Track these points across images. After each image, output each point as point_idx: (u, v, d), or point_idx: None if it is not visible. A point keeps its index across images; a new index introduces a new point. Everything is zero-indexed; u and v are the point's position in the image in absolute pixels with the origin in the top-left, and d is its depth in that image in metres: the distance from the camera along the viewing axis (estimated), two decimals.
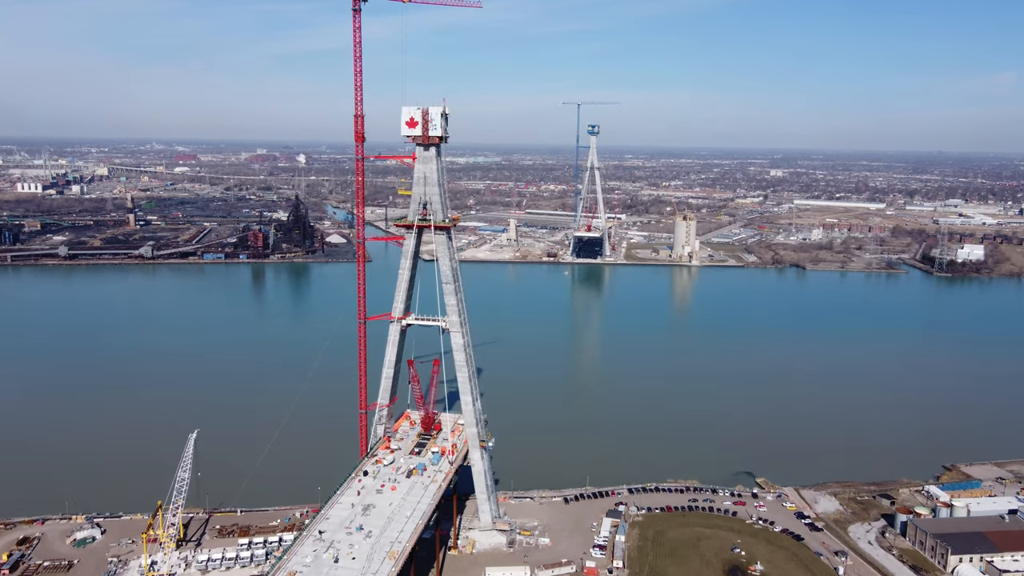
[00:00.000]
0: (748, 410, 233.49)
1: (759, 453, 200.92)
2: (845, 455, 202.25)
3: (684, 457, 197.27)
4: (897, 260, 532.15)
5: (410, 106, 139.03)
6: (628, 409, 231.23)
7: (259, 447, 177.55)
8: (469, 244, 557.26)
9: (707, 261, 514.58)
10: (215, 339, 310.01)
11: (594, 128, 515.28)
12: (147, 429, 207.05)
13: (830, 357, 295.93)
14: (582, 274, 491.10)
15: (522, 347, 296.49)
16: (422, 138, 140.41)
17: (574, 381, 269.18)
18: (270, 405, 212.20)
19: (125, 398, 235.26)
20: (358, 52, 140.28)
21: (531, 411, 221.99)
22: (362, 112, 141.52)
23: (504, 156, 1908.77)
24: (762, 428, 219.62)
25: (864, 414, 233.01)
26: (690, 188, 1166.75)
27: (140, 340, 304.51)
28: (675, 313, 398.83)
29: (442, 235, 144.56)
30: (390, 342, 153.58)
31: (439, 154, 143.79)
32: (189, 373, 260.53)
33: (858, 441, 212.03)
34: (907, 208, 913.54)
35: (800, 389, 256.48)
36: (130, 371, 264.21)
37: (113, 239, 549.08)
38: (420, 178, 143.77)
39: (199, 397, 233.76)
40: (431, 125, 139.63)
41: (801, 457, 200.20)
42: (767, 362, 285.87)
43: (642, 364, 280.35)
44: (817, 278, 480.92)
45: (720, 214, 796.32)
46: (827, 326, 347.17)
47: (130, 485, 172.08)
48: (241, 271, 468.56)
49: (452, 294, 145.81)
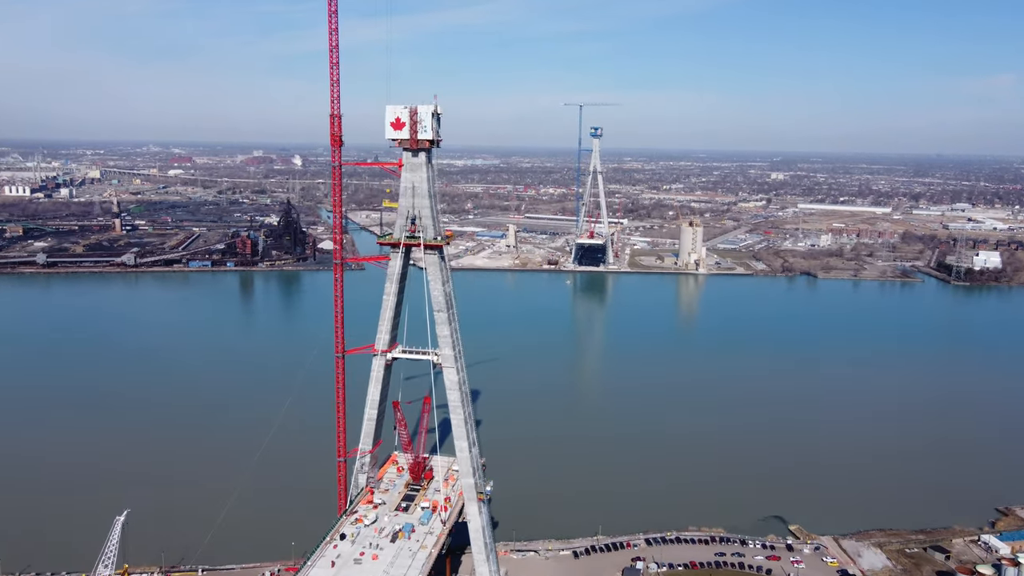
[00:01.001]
0: (772, 441, 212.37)
1: (789, 494, 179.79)
2: (885, 496, 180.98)
3: (705, 497, 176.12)
4: (911, 267, 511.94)
5: (396, 105, 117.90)
6: (639, 442, 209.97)
7: (224, 494, 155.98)
8: (466, 251, 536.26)
9: (714, 269, 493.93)
10: (185, 360, 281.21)
11: (596, 130, 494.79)
12: (92, 470, 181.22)
13: (856, 378, 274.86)
14: (584, 283, 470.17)
15: (523, 365, 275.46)
16: (410, 142, 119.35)
17: (579, 405, 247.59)
18: (239, 443, 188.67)
19: (76, 429, 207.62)
20: (334, 40, 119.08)
21: (533, 441, 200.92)
22: (339, 112, 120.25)
23: (502, 159, 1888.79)
24: (790, 463, 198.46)
25: (902, 445, 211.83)
26: (691, 192, 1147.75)
27: (102, 361, 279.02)
28: (684, 326, 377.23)
29: (433, 255, 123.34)
30: (373, 379, 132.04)
31: (430, 160, 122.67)
32: (151, 403, 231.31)
33: (898, 479, 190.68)
34: (914, 212, 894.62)
35: (827, 416, 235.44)
36: (84, 396, 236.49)
37: (97, 245, 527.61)
38: (407, 188, 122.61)
39: (158, 431, 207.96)
40: (420, 127, 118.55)
41: (836, 499, 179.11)
42: (788, 384, 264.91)
43: (651, 387, 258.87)
44: (830, 287, 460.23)
45: (724, 219, 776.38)
46: (848, 342, 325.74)
47: (74, 538, 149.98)
48: (228, 280, 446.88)
49: (445, 324, 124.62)
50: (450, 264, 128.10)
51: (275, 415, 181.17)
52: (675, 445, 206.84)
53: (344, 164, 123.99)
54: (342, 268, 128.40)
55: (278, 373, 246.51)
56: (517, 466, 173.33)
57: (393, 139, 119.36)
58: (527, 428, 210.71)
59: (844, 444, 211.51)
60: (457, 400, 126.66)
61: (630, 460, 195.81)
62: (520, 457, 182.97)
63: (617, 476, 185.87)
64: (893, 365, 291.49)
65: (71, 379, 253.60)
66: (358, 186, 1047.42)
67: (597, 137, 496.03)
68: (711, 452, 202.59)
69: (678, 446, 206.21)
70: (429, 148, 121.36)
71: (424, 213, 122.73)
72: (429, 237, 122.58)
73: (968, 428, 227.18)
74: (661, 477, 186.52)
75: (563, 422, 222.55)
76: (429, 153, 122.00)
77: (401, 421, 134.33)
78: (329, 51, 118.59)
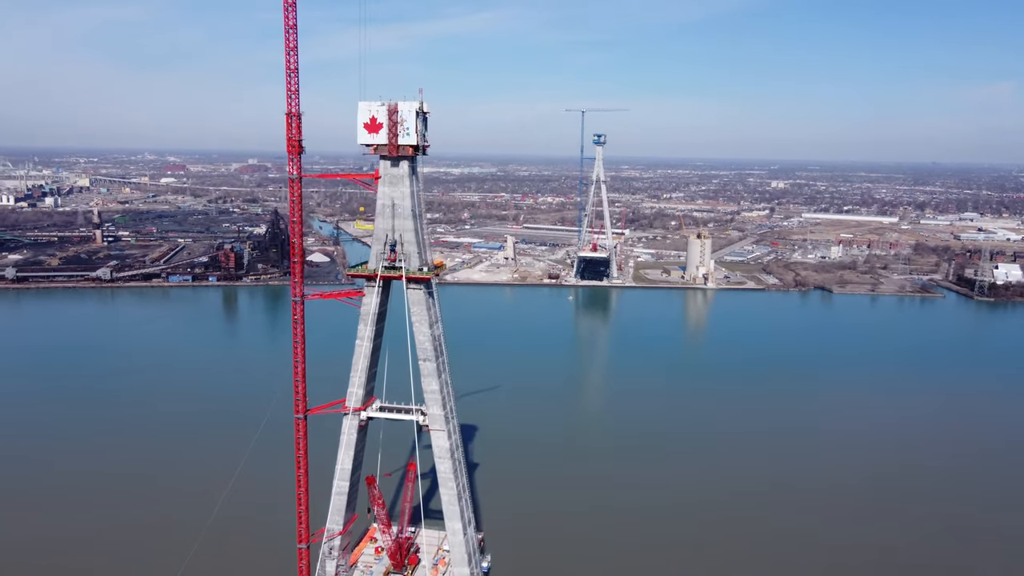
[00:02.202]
0: (817, 496, 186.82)
1: (844, 571, 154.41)
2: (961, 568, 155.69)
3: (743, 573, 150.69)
4: (929, 281, 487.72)
5: (371, 101, 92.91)
6: (656, 492, 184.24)
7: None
8: (463, 264, 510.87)
9: (723, 283, 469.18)
10: (133, 395, 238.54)
11: (600, 138, 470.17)
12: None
13: (897, 411, 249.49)
14: (587, 298, 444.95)
15: (524, 394, 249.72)
16: (388, 148, 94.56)
17: (588, 444, 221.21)
18: (175, 524, 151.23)
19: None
20: (292, 19, 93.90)
21: (535, 487, 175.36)
22: (297, 110, 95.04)
23: (499, 167, 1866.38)
24: (840, 526, 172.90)
25: (970, 497, 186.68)
26: (692, 200, 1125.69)
27: (39, 392, 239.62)
28: (696, 348, 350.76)
29: (419, 290, 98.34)
30: (344, 444, 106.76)
31: (414, 171, 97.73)
32: (84, 460, 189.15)
33: (973, 544, 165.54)
34: (921, 222, 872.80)
35: (872, 462, 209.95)
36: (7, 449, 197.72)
37: (74, 258, 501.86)
38: (386, 206, 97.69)
39: (75, 504, 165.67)
40: (401, 128, 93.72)
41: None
42: (824, 419, 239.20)
43: (666, 423, 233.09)
44: (846, 303, 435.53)
45: (728, 229, 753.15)
46: (875, 365, 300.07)
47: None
48: (210, 296, 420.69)
49: (434, 376, 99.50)
50: (444, 278, 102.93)
51: (226, 481, 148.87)
52: (703, 503, 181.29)
53: (305, 176, 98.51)
54: (302, 307, 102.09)
55: (241, 418, 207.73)
56: (520, 532, 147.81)
57: (367, 144, 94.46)
58: (531, 469, 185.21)
59: (903, 500, 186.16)
60: (448, 470, 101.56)
61: (654, 535, 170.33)
62: (525, 519, 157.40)
63: (631, 534, 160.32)
64: (937, 392, 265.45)
65: (18, 421, 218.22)
66: (352, 195, 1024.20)
67: (600, 145, 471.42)
68: (751, 514, 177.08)
69: (707, 507, 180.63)
70: (413, 156, 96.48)
71: (407, 237, 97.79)
72: (413, 268, 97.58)
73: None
74: (686, 539, 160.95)
75: (572, 465, 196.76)
76: (413, 162, 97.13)
77: (378, 499, 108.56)
78: (285, 32, 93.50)
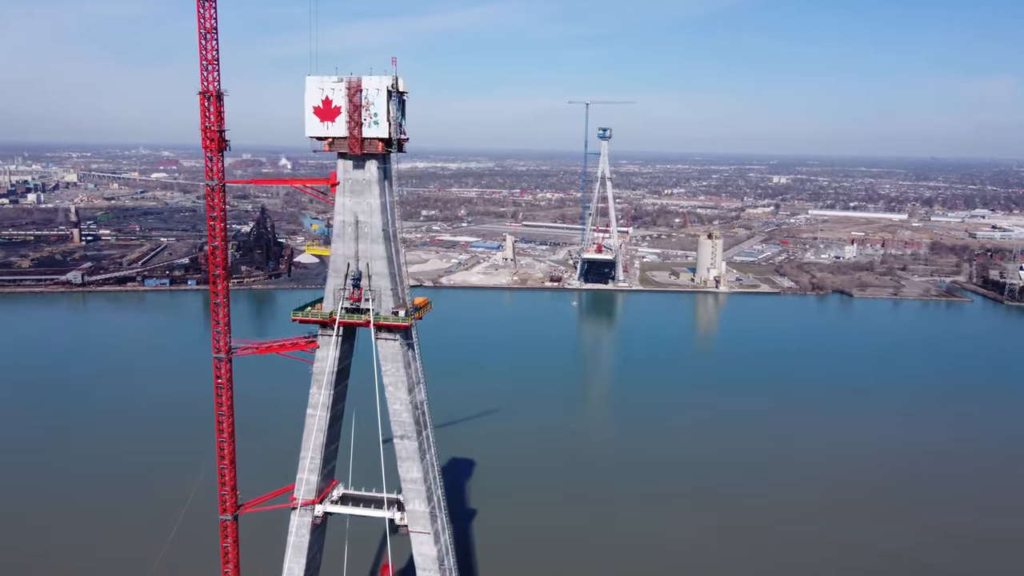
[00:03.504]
0: (861, 544, 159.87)
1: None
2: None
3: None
4: (952, 284, 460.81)
5: (324, 76, 64.96)
6: (687, 551, 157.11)
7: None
8: (459, 265, 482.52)
9: (736, 286, 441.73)
10: (38, 444, 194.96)
11: (605, 132, 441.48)
12: None
13: (947, 430, 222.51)
14: (592, 303, 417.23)
15: (527, 419, 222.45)
16: (349, 143, 66.63)
17: (602, 489, 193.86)
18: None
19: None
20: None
21: (542, 551, 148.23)
22: (216, 88, 67.13)
23: (497, 161, 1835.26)
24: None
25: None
26: (694, 196, 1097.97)
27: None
28: (714, 359, 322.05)
29: (394, 341, 70.83)
30: (293, 546, 79.08)
31: (387, 176, 69.84)
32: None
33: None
34: (932, 219, 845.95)
35: (905, 491, 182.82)
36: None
37: (48, 259, 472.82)
38: (347, 224, 70.16)
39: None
40: (368, 116, 65.93)
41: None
42: (857, 441, 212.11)
43: (689, 459, 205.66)
44: (868, 308, 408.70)
45: (735, 226, 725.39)
46: (907, 379, 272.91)
47: None
48: (187, 301, 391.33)
49: (414, 459, 72.28)
50: (440, 281, 74.53)
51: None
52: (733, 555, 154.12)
53: (234, 182, 70.81)
54: (230, 366, 74.18)
55: (169, 489, 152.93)
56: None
57: (319, 137, 66.67)
58: (537, 541, 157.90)
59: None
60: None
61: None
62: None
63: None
64: (988, 414, 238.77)
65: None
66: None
67: (606, 139, 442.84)
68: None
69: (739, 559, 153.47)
70: (385, 154, 68.54)
71: (377, 267, 70.22)
72: (386, 311, 70.06)
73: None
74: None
75: (584, 530, 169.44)
76: (385, 162, 69.36)
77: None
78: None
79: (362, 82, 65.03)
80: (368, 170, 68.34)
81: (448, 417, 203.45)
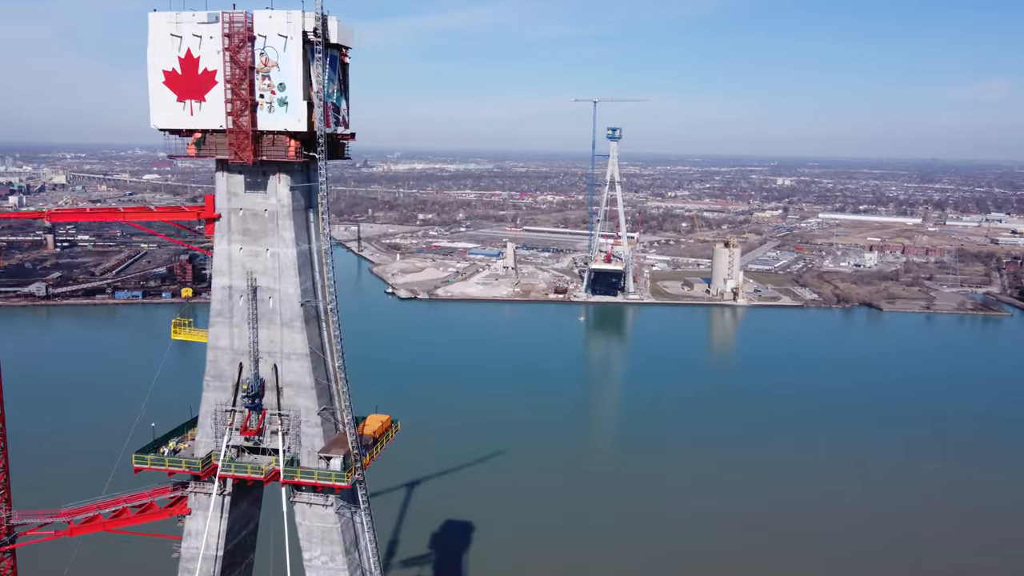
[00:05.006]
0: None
1: None
2: None
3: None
4: (986, 295, 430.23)
5: (179, 13, 33.41)
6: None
7: None
8: (457, 275, 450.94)
9: (755, 298, 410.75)
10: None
11: (615, 132, 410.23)
12: None
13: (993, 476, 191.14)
14: (601, 317, 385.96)
15: (525, 469, 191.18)
16: (234, 141, 34.83)
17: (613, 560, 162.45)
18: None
19: None
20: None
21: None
22: None
23: (496, 163, 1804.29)
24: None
25: None
26: (699, 199, 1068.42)
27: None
28: (740, 385, 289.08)
29: (325, 508, 38.65)
30: None
31: (310, 203, 37.84)
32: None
33: None
34: (947, 224, 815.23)
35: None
36: None
37: (17, 268, 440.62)
38: (233, 292, 38.39)
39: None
40: (268, 89, 33.92)
41: None
42: (908, 485, 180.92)
43: (716, 512, 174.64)
44: (899, 323, 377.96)
45: (745, 231, 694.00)
46: (987, 417, 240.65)
47: None
48: (159, 316, 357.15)
49: None
50: (437, 293, 44.20)
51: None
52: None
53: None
54: (10, 559, 42.28)
55: None
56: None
57: (173, 130, 35.23)
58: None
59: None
60: None
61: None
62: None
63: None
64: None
65: None
66: (340, 193, 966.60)
67: (616, 140, 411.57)
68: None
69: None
70: (304, 162, 36.68)
71: (294, 373, 38.29)
72: (310, 453, 37.86)
73: None
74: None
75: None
76: (306, 178, 37.37)
77: None
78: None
79: (254, 23, 33.92)
80: (273, 193, 37.40)
81: (441, 457, 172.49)
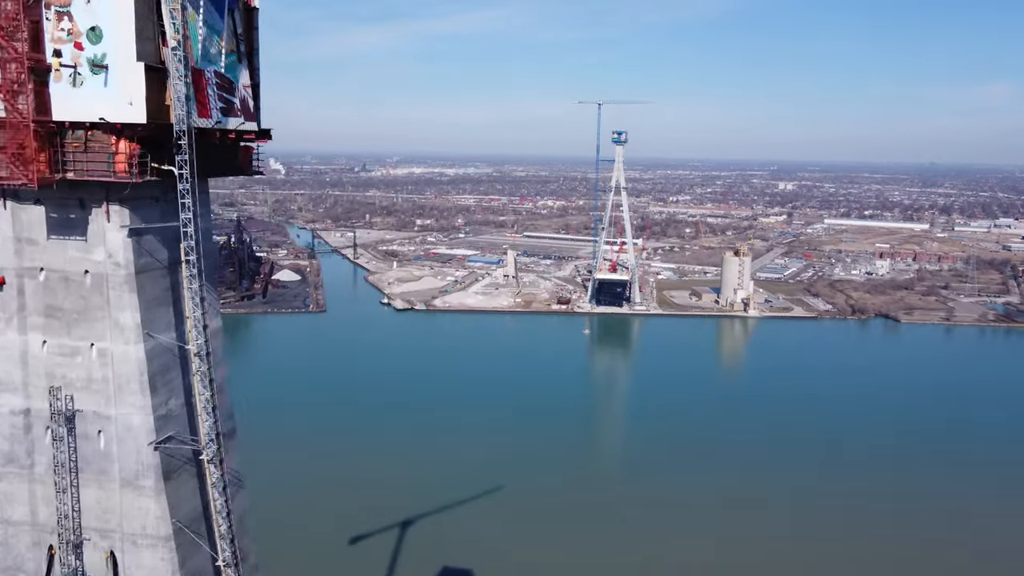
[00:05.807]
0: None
1: None
2: None
3: None
4: (1007, 305, 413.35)
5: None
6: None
7: None
8: (455, 284, 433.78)
9: (766, 309, 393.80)
10: None
11: (620, 136, 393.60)
12: None
13: None
14: (606, 329, 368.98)
15: (525, 510, 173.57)
16: (6, 156, 17.65)
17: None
18: None
19: None
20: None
21: None
22: None
23: (495, 167, 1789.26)
24: None
25: None
26: (701, 204, 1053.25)
27: None
28: (755, 407, 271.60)
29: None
30: None
31: (175, 260, 22.56)
32: None
33: None
34: (956, 229, 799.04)
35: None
36: None
37: None
38: (18, 430, 24.68)
39: None
40: (67, 45, 17.13)
41: None
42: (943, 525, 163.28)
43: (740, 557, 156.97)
44: (919, 335, 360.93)
45: (751, 237, 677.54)
46: (998, 438, 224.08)
47: None
48: None
49: None
50: (434, 304, 27.83)
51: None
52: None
53: None
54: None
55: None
56: None
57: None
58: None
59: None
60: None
61: None
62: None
63: None
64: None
65: None
66: (338, 198, 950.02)
67: (621, 144, 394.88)
68: None
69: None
70: (154, 181, 19.40)
71: None
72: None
73: None
74: None
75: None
76: (164, 209, 21.05)
77: None
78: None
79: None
80: (99, 242, 19.95)
81: (436, 489, 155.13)
